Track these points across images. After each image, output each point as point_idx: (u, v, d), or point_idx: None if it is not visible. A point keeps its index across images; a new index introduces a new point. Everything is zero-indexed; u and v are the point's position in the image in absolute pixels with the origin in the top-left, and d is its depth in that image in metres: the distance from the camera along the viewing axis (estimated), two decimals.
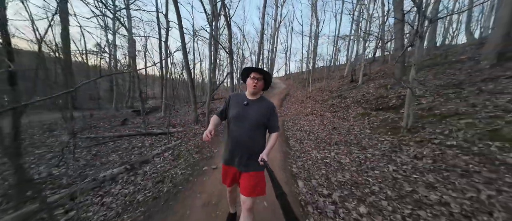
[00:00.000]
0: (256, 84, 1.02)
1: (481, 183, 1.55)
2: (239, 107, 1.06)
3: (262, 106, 1.07)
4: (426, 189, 1.66)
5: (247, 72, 1.07)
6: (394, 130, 2.98)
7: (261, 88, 1.08)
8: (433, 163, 1.98)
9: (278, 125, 1.11)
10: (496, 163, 1.68)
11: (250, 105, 1.06)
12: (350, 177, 2.11)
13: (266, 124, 1.06)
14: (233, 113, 1.06)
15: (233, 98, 1.13)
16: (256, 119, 1.03)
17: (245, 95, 1.12)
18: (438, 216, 1.37)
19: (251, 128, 1.03)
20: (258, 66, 0.99)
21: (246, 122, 1.03)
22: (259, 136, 1.05)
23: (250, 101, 1.08)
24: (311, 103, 7.80)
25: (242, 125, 1.03)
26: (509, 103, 2.36)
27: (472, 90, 3.10)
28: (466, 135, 2.13)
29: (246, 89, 1.13)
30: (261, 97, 1.11)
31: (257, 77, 1.02)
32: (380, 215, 1.47)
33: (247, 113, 1.04)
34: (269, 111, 1.06)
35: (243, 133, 1.03)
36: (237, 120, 1.05)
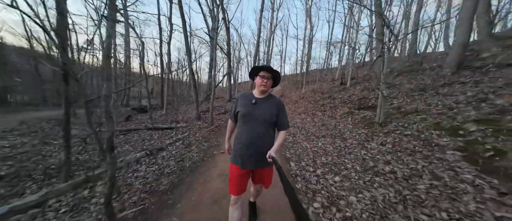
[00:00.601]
0: (266, 83, 1.03)
1: (420, 159, 2.17)
2: (247, 106, 1.07)
3: (270, 104, 1.07)
4: (383, 165, 2.26)
5: (256, 71, 1.08)
6: (370, 125, 3.62)
7: (270, 87, 1.08)
8: (392, 147, 2.60)
9: (287, 122, 1.11)
10: (432, 145, 2.31)
11: (258, 104, 1.07)
12: (331, 159, 2.68)
13: (275, 121, 1.06)
14: (242, 113, 1.06)
15: (241, 98, 1.14)
16: (265, 118, 1.03)
17: (252, 94, 1.12)
18: (387, 180, 1.96)
19: (260, 127, 1.03)
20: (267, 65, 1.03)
21: (255, 121, 1.03)
22: (268, 134, 1.06)
23: (258, 100, 1.08)
24: (304, 104, 8.44)
25: (251, 125, 1.04)
26: (453, 103, 3.05)
27: (431, 93, 3.82)
28: (419, 126, 2.78)
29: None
30: (269, 95, 1.12)
31: (266, 76, 1.03)
32: (348, 182, 2.04)
33: (255, 112, 1.04)
34: (278, 108, 1.07)
35: (253, 133, 1.03)
36: (245, 119, 1.05)
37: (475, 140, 2.05)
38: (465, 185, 1.63)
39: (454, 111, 2.79)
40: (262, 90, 1.06)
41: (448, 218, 1.34)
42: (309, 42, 17.49)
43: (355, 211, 1.55)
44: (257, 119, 1.03)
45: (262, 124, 1.03)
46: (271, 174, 1.12)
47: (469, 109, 2.69)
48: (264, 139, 1.03)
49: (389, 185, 1.86)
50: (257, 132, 1.02)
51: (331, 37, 16.74)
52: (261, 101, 1.07)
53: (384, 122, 3.40)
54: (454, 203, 1.47)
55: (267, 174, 1.10)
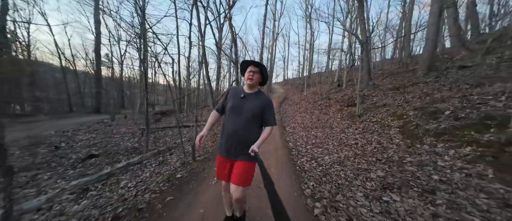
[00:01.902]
0: (253, 76, 1.07)
1: (376, 135, 3.26)
2: (235, 100, 1.10)
3: (258, 99, 1.10)
4: (352, 140, 3.36)
5: (245, 66, 1.12)
6: (352, 117, 4.71)
7: (257, 81, 1.11)
8: (361, 130, 3.69)
9: (274, 119, 1.11)
10: (385, 126, 3.40)
11: (247, 98, 1.10)
12: (319, 141, 3.80)
13: (261, 116, 1.09)
14: (230, 105, 1.10)
15: (231, 91, 1.17)
16: (252, 112, 1.06)
17: (242, 89, 1.15)
18: (350, 147, 3.07)
19: (246, 120, 1.06)
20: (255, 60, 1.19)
21: (241, 114, 1.07)
22: (254, 128, 1.08)
23: (247, 94, 1.11)
24: (305, 104, 9.54)
25: (237, 117, 1.07)
26: (410, 97, 4.11)
27: (401, 91, 4.87)
28: (382, 116, 3.86)
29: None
30: (258, 91, 1.15)
31: (253, 70, 1.07)
32: (326, 151, 3.16)
33: (243, 105, 1.08)
34: (265, 104, 1.09)
35: (238, 125, 1.06)
36: (233, 112, 1.08)
37: (409, 120, 3.13)
38: (393, 146, 2.72)
39: (408, 103, 3.85)
40: (249, 84, 1.10)
41: (376, 160, 2.45)
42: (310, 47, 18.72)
43: (325, 162, 2.68)
44: (244, 112, 1.07)
45: (249, 117, 1.06)
46: (251, 171, 1.08)
47: (417, 101, 3.75)
48: (248, 132, 1.06)
49: (350, 150, 2.98)
50: (242, 124, 1.06)
51: (330, 42, 17.88)
52: (249, 96, 1.11)
53: (361, 114, 4.49)
54: (383, 154, 2.57)
55: (247, 169, 1.06)
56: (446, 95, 3.38)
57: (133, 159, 3.03)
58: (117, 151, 3.82)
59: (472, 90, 3.15)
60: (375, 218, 1.44)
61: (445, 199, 1.51)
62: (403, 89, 4.84)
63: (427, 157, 2.17)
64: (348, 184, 2.00)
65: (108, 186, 2.33)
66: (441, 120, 2.68)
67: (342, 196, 1.79)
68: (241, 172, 1.04)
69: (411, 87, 4.93)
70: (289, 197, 1.79)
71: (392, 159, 2.38)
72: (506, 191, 1.45)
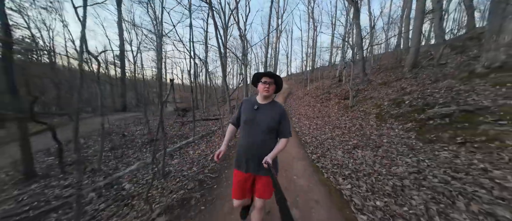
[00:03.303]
0: (268, 88, 1.06)
1: (359, 119, 4.52)
2: (249, 112, 1.11)
3: (273, 110, 1.09)
4: (343, 125, 4.64)
5: (258, 77, 1.11)
6: (346, 108, 5.95)
7: (273, 92, 1.10)
8: (351, 117, 4.95)
9: (290, 131, 1.10)
10: (367, 114, 4.65)
11: (260, 110, 1.10)
12: (319, 127, 5.09)
13: (276, 128, 1.08)
14: (244, 118, 1.11)
15: (245, 103, 1.18)
16: (267, 124, 1.06)
17: (256, 100, 1.15)
18: (340, 129, 4.35)
19: (261, 133, 1.06)
20: (268, 70, 1.23)
21: (256, 127, 1.07)
22: (270, 140, 1.08)
23: (260, 106, 1.11)
24: (308, 99, 10.76)
25: (252, 130, 1.08)
26: (392, 91, 5.29)
27: (388, 85, 6.03)
28: (367, 106, 5.09)
29: (256, 92, 1.18)
30: (272, 101, 1.14)
31: (268, 81, 1.06)
32: (323, 133, 4.46)
33: (257, 118, 1.08)
34: (280, 115, 1.09)
35: (254, 138, 1.07)
36: (247, 125, 1.10)
37: (383, 109, 4.37)
38: (369, 126, 3.98)
39: (387, 96, 5.05)
40: (265, 95, 1.09)
41: (355, 135, 3.74)
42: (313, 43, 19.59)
43: (322, 138, 3.99)
44: (259, 125, 1.07)
45: (264, 130, 1.06)
46: (271, 183, 1.02)
47: (393, 94, 4.94)
48: (265, 145, 1.06)
49: (340, 130, 4.27)
50: (258, 137, 1.06)
51: (333, 37, 18.67)
52: (263, 107, 1.11)
53: (353, 106, 5.73)
54: (360, 131, 3.84)
55: (267, 183, 1.08)
56: (413, 89, 4.57)
57: (189, 140, 4.43)
58: (170, 136, 5.24)
59: (430, 85, 4.32)
60: (345, 160, 2.75)
61: (384, 150, 2.80)
62: (388, 84, 6.01)
63: (385, 131, 3.44)
64: (334, 148, 3.32)
65: (182, 155, 3.74)
66: (402, 107, 3.91)
67: (329, 152, 3.11)
68: (264, 187, 1.08)
69: (395, 82, 6.08)
70: (298, 153, 3.14)
71: (365, 134, 3.66)
72: (415, 142, 2.72)
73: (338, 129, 4.45)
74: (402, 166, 2.26)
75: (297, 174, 2.44)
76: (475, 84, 3.38)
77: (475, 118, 2.51)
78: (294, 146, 3.59)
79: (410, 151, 2.57)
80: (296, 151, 3.32)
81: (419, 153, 2.45)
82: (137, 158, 4.09)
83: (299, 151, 3.33)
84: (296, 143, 3.84)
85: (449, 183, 1.77)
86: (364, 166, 2.46)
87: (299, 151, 3.35)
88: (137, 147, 4.76)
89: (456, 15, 17.53)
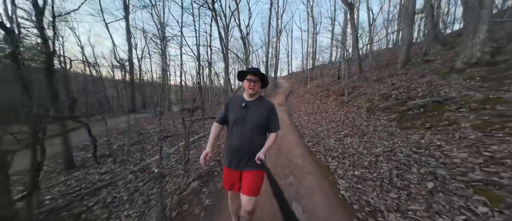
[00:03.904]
0: (253, 86, 1.06)
1: (352, 113, 5.05)
2: (237, 110, 1.10)
3: (261, 106, 1.10)
4: (338, 119, 5.17)
5: (243, 74, 1.11)
6: (342, 104, 6.47)
7: (258, 89, 1.10)
8: (346, 112, 5.48)
9: (278, 125, 1.11)
10: (360, 108, 5.17)
11: (249, 107, 1.10)
12: (317, 121, 5.64)
13: (265, 125, 1.09)
14: (232, 117, 1.10)
15: (231, 101, 1.17)
16: (256, 121, 1.07)
17: (243, 97, 1.14)
18: (335, 122, 4.89)
19: (251, 131, 1.06)
20: (253, 67, 1.16)
21: (245, 125, 1.07)
22: (259, 137, 1.09)
23: (248, 103, 1.11)
24: (308, 96, 11.26)
25: (241, 129, 1.07)
26: (383, 87, 5.78)
27: (381, 81, 6.52)
28: (361, 101, 5.61)
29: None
30: (259, 98, 1.14)
31: (253, 79, 1.06)
32: (320, 126, 5.01)
33: (246, 116, 1.08)
34: (269, 111, 1.10)
35: (243, 136, 1.06)
36: (236, 124, 1.09)
37: (373, 103, 4.88)
38: (360, 119, 4.51)
39: (378, 91, 5.55)
40: (250, 93, 1.09)
41: (347, 126, 4.28)
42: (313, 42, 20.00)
43: (318, 130, 4.53)
44: (248, 122, 1.07)
45: (254, 127, 1.06)
46: (260, 180, 1.08)
47: (384, 89, 5.44)
48: (255, 142, 1.06)
49: (335, 123, 4.81)
50: (248, 135, 1.06)
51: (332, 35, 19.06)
52: (251, 104, 1.11)
53: (348, 101, 6.25)
54: (352, 123, 4.37)
55: (256, 178, 1.07)
56: (401, 85, 5.06)
57: (200, 135, 5.03)
58: (183, 133, 5.86)
59: (415, 81, 4.81)
60: (336, 146, 3.30)
61: (369, 136, 3.33)
62: (381, 81, 6.50)
63: (372, 122, 3.97)
64: (328, 137, 3.87)
65: (196, 146, 4.33)
66: (389, 101, 4.42)
67: (323, 141, 3.66)
68: (250, 182, 1.05)
69: (388, 78, 6.56)
70: (297, 142, 3.70)
71: (355, 125, 4.19)
72: (395, 130, 3.24)
73: (334, 122, 4.98)
74: (380, 147, 2.81)
75: (295, 156, 3.00)
76: (451, 79, 3.88)
77: (443, 107, 3.03)
78: (294, 137, 4.15)
79: (389, 136, 3.11)
80: (296, 141, 3.88)
81: (396, 137, 2.98)
82: (156, 151, 4.70)
83: (298, 141, 3.88)
84: (296, 135, 4.39)
85: (411, 156, 2.31)
86: (350, 149, 3.01)
87: (298, 140, 3.91)
88: (154, 142, 5.39)
89: (452, 9, 17.70)
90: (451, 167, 1.90)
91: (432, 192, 1.68)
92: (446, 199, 1.57)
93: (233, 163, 1.10)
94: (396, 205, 1.65)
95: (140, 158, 4.22)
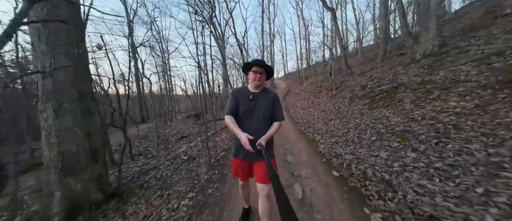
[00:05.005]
0: (259, 77, 1.11)
1: (338, 103, 6.14)
2: (245, 102, 1.16)
3: (267, 97, 1.18)
4: (326, 108, 6.26)
5: (249, 66, 1.15)
6: (331, 97, 7.57)
7: (264, 81, 1.16)
8: (334, 102, 6.58)
9: (282, 114, 1.17)
10: (343, 98, 6.27)
11: (256, 99, 1.16)
12: (310, 113, 6.72)
13: (271, 115, 1.17)
14: (242, 109, 1.16)
15: (237, 94, 1.20)
16: (264, 112, 1.15)
17: (248, 89, 1.21)
18: (324, 111, 5.97)
19: (260, 122, 1.14)
20: (258, 58, 1.57)
21: (254, 117, 1.14)
22: (267, 127, 1.15)
23: (255, 95, 1.17)
24: (304, 94, 12.38)
25: (251, 121, 1.14)
26: (364, 80, 6.89)
27: (362, 75, 7.64)
28: (345, 93, 6.71)
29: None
30: (264, 89, 1.21)
31: (259, 71, 1.11)
32: (311, 116, 6.08)
33: (253, 107, 1.15)
34: (273, 101, 1.18)
35: (253, 128, 1.12)
36: (246, 116, 1.15)
37: (354, 93, 5.97)
38: (343, 106, 5.59)
39: (359, 83, 6.65)
40: (256, 85, 1.15)
41: (332, 113, 5.36)
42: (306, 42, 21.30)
43: (310, 119, 5.61)
44: (256, 114, 1.14)
45: (262, 118, 1.14)
46: (274, 166, 1.12)
47: (364, 81, 6.54)
48: (265, 132, 1.11)
49: (323, 112, 5.88)
50: (257, 126, 1.13)
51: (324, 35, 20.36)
52: (258, 96, 1.17)
53: (336, 94, 7.35)
54: (337, 110, 5.45)
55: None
56: (377, 76, 6.17)
57: (212, 132, 6.09)
58: (192, 133, 6.91)
59: (386, 72, 5.92)
60: (322, 127, 4.36)
61: (347, 118, 4.40)
62: (364, 74, 7.63)
63: (351, 108, 5.04)
64: (317, 122, 4.93)
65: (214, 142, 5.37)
66: (365, 90, 5.51)
67: (313, 125, 4.73)
68: (263, 171, 1.11)
69: (369, 71, 7.69)
70: (292, 127, 4.78)
71: (339, 111, 5.26)
72: (365, 111, 4.32)
73: (323, 112, 6.05)
74: (352, 123, 3.87)
75: (290, 135, 4.06)
76: (410, 68, 4.99)
77: (397, 90, 4.11)
78: (290, 125, 5.22)
79: (360, 115, 4.18)
80: (292, 127, 4.94)
81: (365, 115, 4.05)
82: (178, 147, 5.73)
83: (293, 127, 4.95)
84: (292, 124, 5.46)
85: (369, 125, 3.37)
86: (332, 128, 4.08)
87: (293, 127, 4.97)
88: (173, 142, 6.42)
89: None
90: (388, 127, 2.96)
91: (374, 142, 2.74)
92: (379, 144, 2.63)
93: (241, 154, 1.17)
94: (351, 151, 2.70)
95: (167, 153, 5.24)
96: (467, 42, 4.59)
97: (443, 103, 2.76)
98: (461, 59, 3.82)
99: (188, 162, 3.85)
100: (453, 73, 3.42)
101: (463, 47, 4.41)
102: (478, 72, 3.03)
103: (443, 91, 3.05)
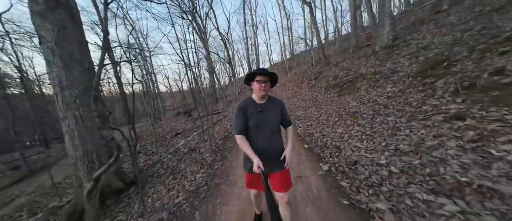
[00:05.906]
0: (265, 86, 1.09)
1: (316, 92, 7.15)
2: (254, 116, 1.13)
3: (274, 107, 1.17)
4: (307, 98, 7.24)
5: (252, 76, 1.12)
6: (311, 87, 8.59)
7: (268, 89, 1.13)
8: (312, 91, 7.58)
9: (290, 118, 1.24)
10: (320, 87, 7.29)
11: (264, 110, 1.14)
12: (293, 102, 7.66)
13: (280, 123, 1.19)
14: (252, 123, 1.13)
15: (244, 108, 1.16)
16: (275, 123, 1.16)
17: (254, 101, 1.17)
18: (305, 101, 6.94)
19: (271, 134, 1.14)
20: (261, 67, 1.10)
21: (265, 128, 1.13)
22: (278, 137, 1.19)
23: (262, 106, 1.15)
24: (288, 84, 13.33)
25: (262, 134, 1.13)
26: (338, 70, 7.95)
27: (337, 65, 8.72)
28: (322, 82, 7.74)
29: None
30: (270, 98, 1.19)
31: (263, 80, 1.09)
32: (296, 104, 7.02)
33: (264, 120, 1.13)
34: (281, 108, 1.19)
35: (265, 141, 1.12)
36: (256, 129, 1.13)
37: (328, 82, 7.00)
38: (320, 95, 6.60)
39: (333, 73, 7.70)
40: (262, 94, 1.13)
41: (310, 101, 6.33)
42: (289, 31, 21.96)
43: (292, 108, 6.53)
44: (268, 125, 1.13)
45: (273, 129, 1.14)
46: (288, 175, 1.18)
47: (337, 71, 7.60)
48: (276, 143, 1.15)
49: (304, 101, 6.87)
50: (270, 138, 1.13)
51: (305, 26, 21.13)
52: (266, 107, 1.15)
53: (315, 84, 8.36)
54: (314, 98, 6.43)
55: (285, 176, 1.17)
56: (346, 67, 7.23)
57: (206, 127, 6.74)
58: (187, 129, 7.48)
59: (354, 63, 7.00)
60: (302, 114, 5.30)
61: (322, 105, 5.38)
62: (338, 64, 8.72)
63: (326, 96, 6.05)
64: (297, 110, 5.87)
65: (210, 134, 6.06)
66: (336, 80, 6.54)
67: (294, 112, 5.67)
68: (281, 181, 1.15)
69: (342, 62, 8.79)
70: None
71: (317, 100, 6.24)
72: (335, 98, 5.32)
73: (304, 101, 7.03)
74: (324, 109, 4.85)
75: None
76: (370, 59, 6.07)
77: (357, 80, 5.15)
78: None
79: (331, 102, 5.17)
80: None
81: (334, 102, 5.05)
82: (176, 143, 6.31)
83: None
84: None
85: (335, 110, 4.36)
86: (309, 114, 5.03)
87: None
88: (169, 139, 6.96)
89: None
90: (347, 110, 3.96)
91: (336, 122, 3.71)
92: (339, 123, 3.60)
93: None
94: (320, 130, 3.65)
95: (166, 149, 5.82)
96: (412, 36, 5.75)
97: (382, 89, 3.80)
98: (404, 52, 4.92)
99: (189, 153, 4.54)
100: (395, 64, 4.49)
101: (408, 40, 5.55)
102: (409, 63, 4.11)
103: (385, 80, 4.09)
